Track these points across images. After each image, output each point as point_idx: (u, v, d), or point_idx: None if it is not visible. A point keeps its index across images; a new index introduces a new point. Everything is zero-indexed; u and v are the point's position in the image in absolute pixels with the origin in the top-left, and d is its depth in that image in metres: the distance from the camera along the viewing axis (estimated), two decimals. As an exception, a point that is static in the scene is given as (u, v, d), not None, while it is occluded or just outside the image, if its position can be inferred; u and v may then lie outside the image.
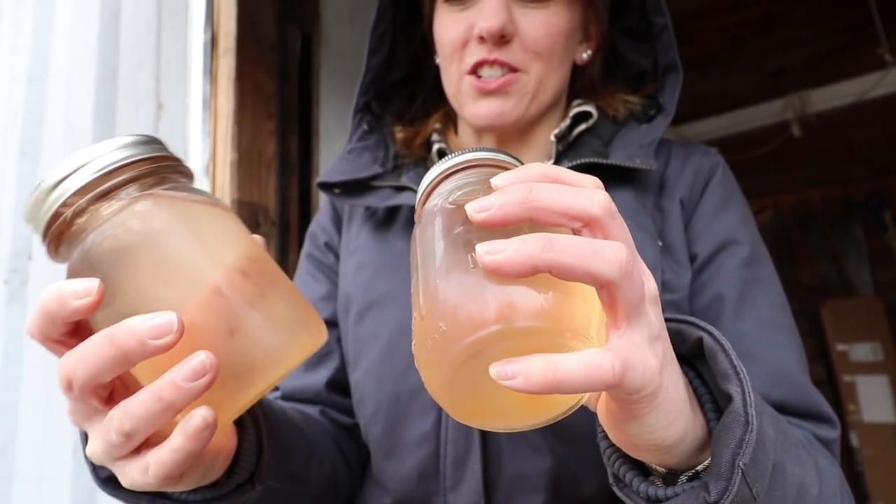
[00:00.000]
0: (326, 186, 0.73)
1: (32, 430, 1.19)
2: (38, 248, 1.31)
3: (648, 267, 0.64)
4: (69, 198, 0.35)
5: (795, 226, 3.58)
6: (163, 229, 0.35)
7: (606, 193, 0.34)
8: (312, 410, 0.71)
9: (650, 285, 0.34)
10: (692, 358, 0.43)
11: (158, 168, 0.37)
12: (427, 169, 0.73)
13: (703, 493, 0.36)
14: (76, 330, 0.36)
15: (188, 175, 0.40)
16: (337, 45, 1.46)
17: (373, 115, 0.78)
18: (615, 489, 0.43)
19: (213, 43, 1.19)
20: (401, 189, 0.70)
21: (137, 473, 0.36)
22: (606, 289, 0.31)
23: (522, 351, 0.30)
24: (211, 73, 1.17)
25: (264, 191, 1.17)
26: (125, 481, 0.37)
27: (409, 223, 0.70)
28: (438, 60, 0.73)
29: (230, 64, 1.16)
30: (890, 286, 3.58)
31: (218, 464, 0.46)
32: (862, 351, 3.32)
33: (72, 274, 0.36)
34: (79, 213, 0.35)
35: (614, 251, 0.31)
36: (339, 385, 0.73)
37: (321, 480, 0.64)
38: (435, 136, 0.75)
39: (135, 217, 0.35)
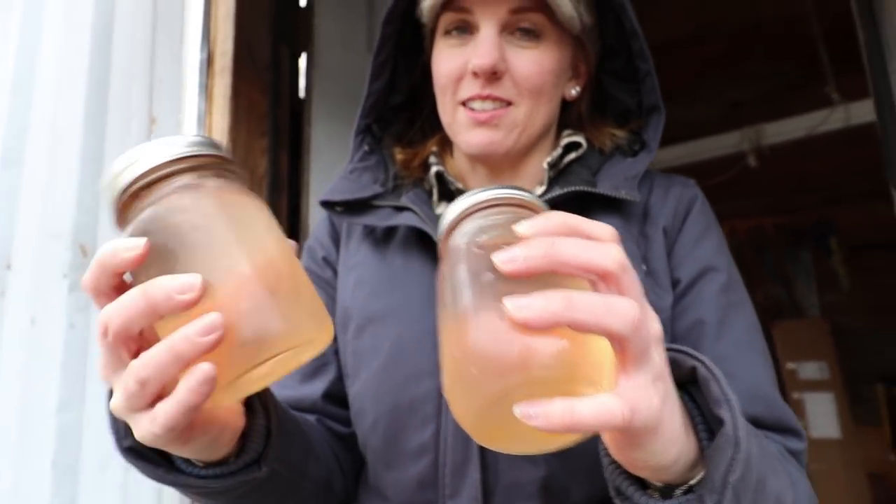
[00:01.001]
0: (329, 205, 0.75)
1: (5, 440, 1.17)
2: (17, 257, 1.29)
3: None
4: (142, 173, 0.41)
5: (750, 250, 3.77)
6: (206, 212, 0.41)
7: (620, 248, 0.39)
8: (309, 419, 0.74)
9: (655, 328, 0.39)
10: (686, 383, 0.48)
11: (214, 163, 0.43)
12: (423, 189, 0.77)
13: None
14: (120, 287, 0.41)
15: (240, 176, 0.46)
16: (328, 66, 1.50)
17: (373, 136, 0.81)
18: (616, 501, 0.48)
19: (209, 61, 1.21)
20: (400, 209, 0.73)
21: (147, 423, 0.40)
22: (618, 341, 0.36)
23: (543, 393, 0.35)
24: (206, 90, 1.19)
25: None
26: (137, 434, 0.41)
27: (407, 241, 0.73)
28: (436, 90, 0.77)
29: (226, 82, 1.18)
30: (835, 308, 3.80)
31: (224, 438, 0.49)
32: (809, 369, 3.50)
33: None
34: (147, 186, 0.41)
35: (626, 309, 0.35)
36: (336, 396, 0.75)
37: (318, 477, 0.67)
38: (433, 159, 0.78)
39: (189, 199, 0.41)
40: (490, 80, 0.67)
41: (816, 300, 3.81)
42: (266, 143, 1.25)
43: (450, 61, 0.70)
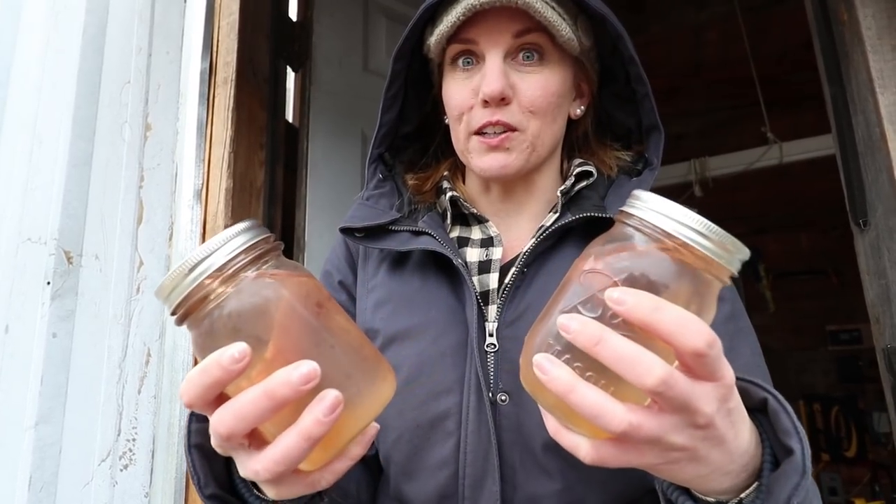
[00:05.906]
0: (348, 231, 0.77)
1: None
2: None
3: None
4: (211, 273, 0.41)
5: (690, 274, 4.00)
6: (288, 296, 0.42)
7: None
8: None
9: (702, 393, 0.40)
10: (754, 411, 0.51)
11: (269, 249, 0.44)
12: (437, 213, 0.80)
13: None
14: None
15: (281, 249, 0.46)
16: (326, 84, 1.52)
17: (385, 164, 0.84)
18: None
19: (210, 71, 1.20)
20: (418, 233, 0.76)
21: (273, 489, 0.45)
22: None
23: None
24: (207, 100, 1.19)
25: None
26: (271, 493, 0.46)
27: (423, 263, 0.76)
28: (447, 120, 0.80)
29: (228, 93, 1.18)
30: (762, 329, 4.07)
31: None
32: (741, 387, 3.72)
33: (210, 336, 0.41)
34: (223, 282, 0.41)
35: (650, 366, 0.38)
36: None
37: (354, 494, 0.71)
38: (446, 184, 0.82)
39: (266, 288, 0.42)
40: (499, 105, 0.71)
41: (746, 322, 4.08)
42: (264, 156, 1.26)
43: (460, 93, 0.74)
